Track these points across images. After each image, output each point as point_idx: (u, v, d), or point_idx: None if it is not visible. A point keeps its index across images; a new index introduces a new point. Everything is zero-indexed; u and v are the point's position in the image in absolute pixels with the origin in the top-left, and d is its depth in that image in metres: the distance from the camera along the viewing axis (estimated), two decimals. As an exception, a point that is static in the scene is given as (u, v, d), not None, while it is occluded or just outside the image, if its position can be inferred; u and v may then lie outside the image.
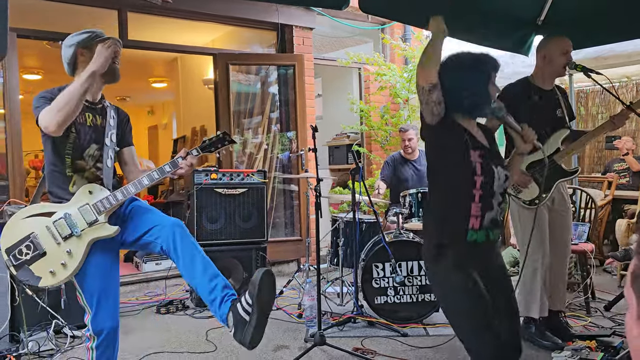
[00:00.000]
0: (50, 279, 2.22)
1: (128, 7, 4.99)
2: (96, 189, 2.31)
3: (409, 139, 4.90)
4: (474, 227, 2.06)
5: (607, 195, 5.71)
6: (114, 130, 2.46)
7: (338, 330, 3.68)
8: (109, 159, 2.42)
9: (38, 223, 2.24)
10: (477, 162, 2.06)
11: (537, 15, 3.75)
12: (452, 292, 2.08)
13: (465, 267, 2.04)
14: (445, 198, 2.13)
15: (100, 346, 2.28)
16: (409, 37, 6.75)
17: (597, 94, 7.04)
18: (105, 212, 2.28)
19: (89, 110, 2.37)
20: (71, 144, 2.30)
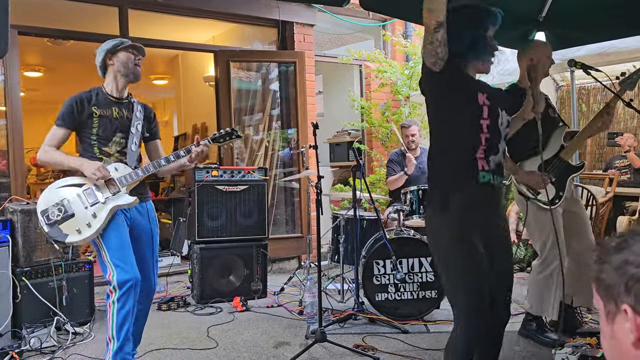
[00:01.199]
0: (77, 236, 2.64)
1: (129, 4, 4.99)
2: (121, 167, 2.77)
3: (412, 134, 4.89)
4: (484, 169, 2.05)
5: (609, 192, 5.70)
6: (140, 122, 2.90)
7: (339, 327, 3.69)
8: (134, 144, 2.85)
9: (70, 191, 2.69)
10: (485, 104, 2.05)
11: (539, 11, 3.74)
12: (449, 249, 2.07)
13: (468, 225, 2.02)
14: (452, 143, 2.10)
15: (122, 299, 2.57)
16: (410, 34, 6.73)
17: (598, 91, 7.03)
18: (127, 185, 2.73)
19: (116, 104, 2.83)
20: (95, 134, 2.75)
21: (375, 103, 6.56)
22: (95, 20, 5.14)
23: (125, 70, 2.81)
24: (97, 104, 2.77)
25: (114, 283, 2.58)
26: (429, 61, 2.03)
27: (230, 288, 4.47)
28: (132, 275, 2.60)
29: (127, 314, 2.59)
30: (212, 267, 4.43)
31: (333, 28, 6.59)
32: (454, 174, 2.09)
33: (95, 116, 2.75)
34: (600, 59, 4.41)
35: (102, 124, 2.76)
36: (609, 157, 6.67)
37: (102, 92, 2.83)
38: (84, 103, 2.75)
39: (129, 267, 2.61)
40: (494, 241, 2.11)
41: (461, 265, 2.04)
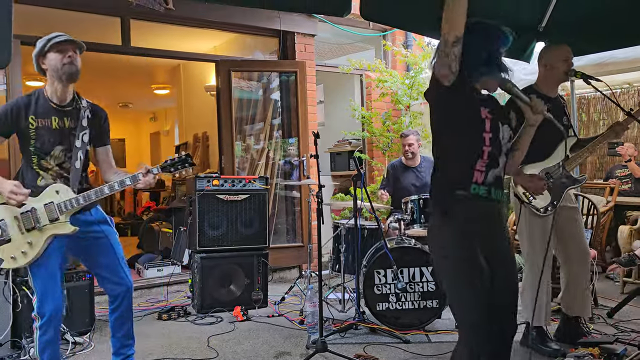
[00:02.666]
0: (11, 263, 2.51)
1: (131, 15, 5.02)
2: (63, 189, 2.55)
3: (409, 144, 4.90)
4: (477, 181, 2.06)
5: (609, 202, 5.70)
6: (87, 131, 2.63)
7: (340, 337, 3.67)
8: (77, 160, 2.60)
9: (8, 211, 2.51)
10: (487, 118, 2.08)
11: (539, 21, 3.76)
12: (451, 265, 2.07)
13: (470, 238, 2.03)
14: (452, 157, 2.12)
15: (42, 327, 2.52)
16: (410, 44, 6.77)
17: (598, 101, 7.04)
18: (66, 212, 2.53)
19: (56, 113, 2.58)
20: (33, 146, 2.55)
21: (376, 112, 6.58)
22: (97, 31, 5.17)
23: (56, 73, 2.52)
24: (35, 113, 2.54)
25: (35, 311, 2.53)
26: (440, 73, 2.03)
27: (231, 297, 4.46)
28: (52, 308, 2.51)
29: (47, 343, 2.54)
30: (213, 277, 4.42)
31: (334, 38, 6.62)
32: (453, 186, 2.10)
33: (32, 127, 2.54)
34: (600, 69, 4.43)
35: (40, 135, 2.55)
36: (609, 166, 6.66)
37: (42, 97, 2.58)
38: (21, 111, 2.53)
39: (50, 299, 2.51)
40: (496, 254, 2.10)
41: (464, 281, 2.04)
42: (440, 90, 2.07)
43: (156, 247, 6.52)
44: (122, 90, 9.69)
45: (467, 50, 2.01)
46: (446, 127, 2.14)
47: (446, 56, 1.98)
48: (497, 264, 2.09)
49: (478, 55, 2.06)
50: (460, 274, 2.05)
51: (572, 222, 3.32)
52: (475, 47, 2.05)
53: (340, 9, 3.18)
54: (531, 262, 3.25)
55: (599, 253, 5.08)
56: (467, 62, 2.03)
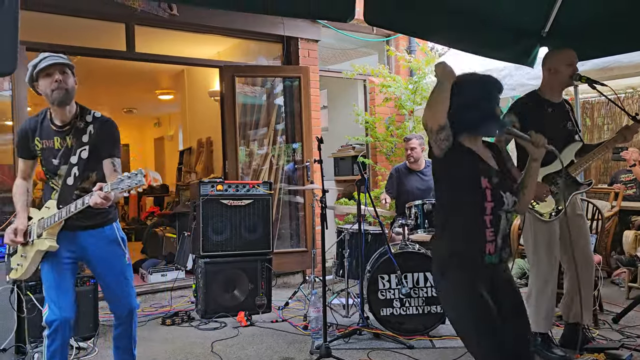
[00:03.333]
0: (14, 273, 2.66)
1: (135, 21, 5.05)
2: (52, 205, 2.58)
3: (412, 148, 4.90)
4: (490, 252, 2.10)
5: (614, 207, 5.68)
6: (85, 147, 2.57)
7: (344, 342, 3.66)
8: (70, 177, 2.57)
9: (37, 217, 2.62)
10: (487, 188, 2.10)
11: (542, 26, 3.76)
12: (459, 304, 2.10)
13: (474, 284, 2.07)
14: (458, 227, 2.14)
15: (50, 336, 2.53)
16: (414, 49, 6.78)
17: (602, 105, 7.03)
18: (47, 229, 2.55)
19: (57, 134, 2.59)
20: (43, 166, 2.64)
21: (379, 117, 6.58)
22: (102, 37, 5.20)
23: (48, 99, 2.52)
24: (40, 134, 2.60)
25: (44, 320, 2.56)
26: (435, 152, 2.12)
27: (235, 303, 4.45)
28: (59, 316, 2.52)
29: (55, 351, 2.55)
30: (217, 282, 4.42)
31: (337, 43, 6.64)
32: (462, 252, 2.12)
33: (38, 149, 2.61)
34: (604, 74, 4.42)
35: (45, 157, 2.61)
36: (614, 171, 6.64)
37: (46, 119, 2.62)
38: (29, 134, 2.61)
39: (57, 308, 2.53)
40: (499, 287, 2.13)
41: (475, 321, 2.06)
42: (437, 162, 2.15)
43: (160, 252, 6.52)
44: (127, 96, 9.73)
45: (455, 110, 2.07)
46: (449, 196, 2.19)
47: (434, 142, 2.08)
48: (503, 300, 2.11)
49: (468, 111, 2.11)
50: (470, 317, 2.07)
51: (578, 228, 3.30)
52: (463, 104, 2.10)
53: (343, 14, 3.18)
54: (536, 268, 3.24)
55: (604, 258, 5.06)
56: (457, 123, 2.09)
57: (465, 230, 2.12)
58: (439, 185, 2.23)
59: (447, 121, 2.04)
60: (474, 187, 2.10)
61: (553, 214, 3.16)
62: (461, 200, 2.13)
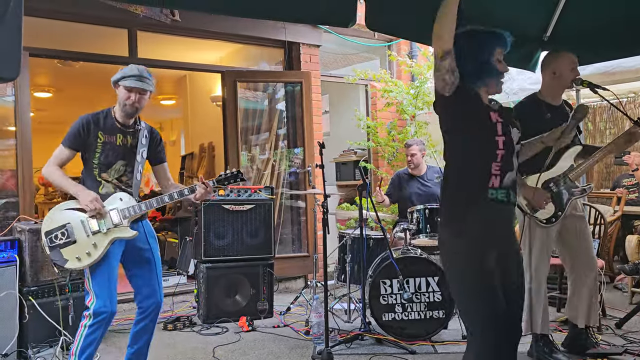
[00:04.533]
0: (76, 263, 2.67)
1: (138, 26, 5.07)
2: (126, 197, 2.78)
3: (412, 154, 4.90)
4: (494, 186, 2.07)
5: (617, 211, 5.67)
6: (145, 148, 2.91)
7: (345, 348, 3.66)
8: (139, 173, 2.87)
9: (74, 216, 2.71)
10: (499, 121, 2.09)
11: (544, 31, 3.76)
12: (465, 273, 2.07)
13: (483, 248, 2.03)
14: (464, 162, 2.12)
15: (93, 326, 2.63)
16: (415, 54, 6.79)
17: (604, 110, 7.03)
18: (129, 217, 2.75)
19: (120, 132, 2.84)
20: (97, 159, 2.78)
21: (381, 122, 6.59)
22: (104, 42, 5.22)
23: (121, 106, 2.82)
24: (103, 129, 2.80)
25: (91, 311, 2.64)
26: (438, 87, 2.08)
27: (237, 308, 4.45)
28: (109, 309, 2.65)
29: (93, 340, 2.65)
30: (218, 287, 4.42)
31: (339, 48, 6.65)
32: (469, 195, 2.10)
33: (99, 141, 2.79)
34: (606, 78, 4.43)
35: (105, 150, 2.80)
36: (616, 175, 6.63)
37: (110, 116, 2.84)
38: (91, 126, 2.77)
39: (108, 300, 2.65)
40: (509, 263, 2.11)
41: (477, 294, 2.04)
42: (444, 101, 2.10)
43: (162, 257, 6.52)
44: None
45: (461, 58, 2.04)
46: (456, 134, 2.15)
47: (438, 70, 2.03)
48: (510, 273, 2.09)
49: (472, 62, 2.09)
50: (474, 287, 2.05)
51: (579, 232, 3.29)
52: (469, 55, 2.08)
53: (345, 19, 3.20)
54: (532, 270, 3.22)
55: (606, 263, 5.04)
56: (463, 70, 2.06)
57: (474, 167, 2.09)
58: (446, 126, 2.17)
59: (452, 49, 1.99)
60: (484, 121, 2.07)
61: (553, 220, 3.16)
62: (471, 134, 2.10)
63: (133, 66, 2.81)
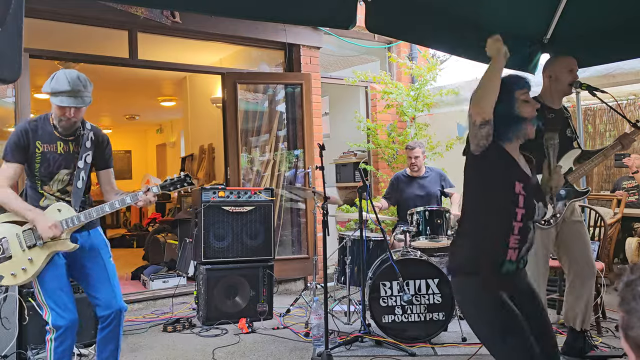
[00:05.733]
0: (11, 280, 2.54)
1: (138, 28, 5.07)
2: (64, 208, 2.61)
3: (415, 157, 4.90)
4: (511, 259, 2.06)
5: (617, 214, 5.66)
6: (90, 152, 2.71)
7: (345, 350, 3.65)
8: (80, 180, 2.68)
9: (10, 230, 2.56)
10: (521, 194, 2.05)
11: (544, 33, 3.77)
12: (484, 311, 2.07)
13: (495, 290, 2.04)
14: (485, 227, 2.10)
15: (58, 339, 2.55)
16: (415, 56, 6.80)
17: (604, 112, 7.03)
18: (67, 230, 2.58)
19: (60, 139, 2.65)
20: (37, 170, 2.61)
21: (381, 124, 6.60)
22: (105, 44, 5.23)
23: (56, 120, 2.61)
24: (41, 138, 2.60)
25: (50, 325, 2.55)
26: (472, 147, 2.06)
27: (236, 309, 4.44)
28: (68, 319, 2.56)
29: (64, 351, 2.58)
30: (218, 288, 4.42)
31: (339, 50, 6.66)
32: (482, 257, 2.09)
33: (38, 152, 2.60)
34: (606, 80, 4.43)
35: (45, 160, 2.61)
36: (616, 178, 6.63)
37: (48, 124, 2.64)
38: (29, 135, 2.59)
39: (64, 311, 2.55)
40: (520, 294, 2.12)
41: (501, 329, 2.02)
42: (474, 159, 2.09)
43: (162, 259, 6.52)
44: (129, 103, 9.76)
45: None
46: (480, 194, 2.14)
47: (475, 137, 2.01)
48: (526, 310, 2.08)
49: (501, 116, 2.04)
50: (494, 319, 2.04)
51: (578, 234, 3.29)
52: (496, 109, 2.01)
53: (345, 21, 3.20)
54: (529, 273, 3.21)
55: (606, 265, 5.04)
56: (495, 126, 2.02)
57: (492, 233, 2.07)
58: (469, 184, 2.16)
59: (492, 117, 1.95)
60: (508, 191, 2.04)
61: (551, 221, 3.16)
62: (492, 202, 2.08)
63: (62, 78, 2.53)
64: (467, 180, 2.19)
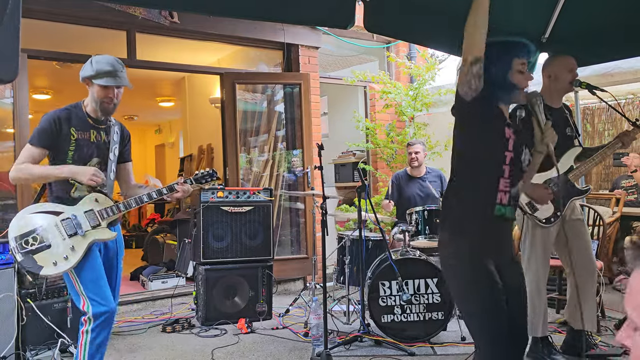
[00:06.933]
0: (52, 269, 2.50)
1: (136, 28, 5.07)
2: (101, 198, 2.64)
3: (416, 152, 4.91)
4: (502, 202, 2.07)
5: (615, 213, 5.67)
6: (117, 145, 2.77)
7: (344, 350, 3.65)
8: (112, 172, 2.74)
9: (46, 219, 2.54)
10: (511, 137, 2.09)
11: (542, 32, 3.77)
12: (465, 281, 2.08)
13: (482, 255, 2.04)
14: (473, 173, 2.12)
15: (96, 329, 2.51)
16: (414, 56, 6.80)
17: (603, 111, 7.03)
18: (107, 219, 2.62)
19: (94, 128, 2.69)
20: (70, 158, 2.61)
21: (380, 124, 6.59)
22: (103, 44, 5.22)
23: (95, 104, 2.65)
24: (76, 125, 2.63)
25: (89, 315, 2.51)
26: (462, 90, 2.06)
27: (235, 309, 4.44)
28: (108, 308, 2.54)
29: (100, 343, 2.55)
30: (217, 289, 4.41)
31: (338, 50, 6.66)
32: (473, 202, 2.11)
33: (72, 138, 2.61)
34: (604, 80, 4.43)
35: (79, 147, 2.62)
36: (615, 177, 6.64)
37: (81, 111, 2.67)
38: (62, 122, 2.59)
39: (104, 300, 2.54)
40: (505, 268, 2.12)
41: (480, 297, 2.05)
42: (463, 105, 2.09)
43: (161, 259, 6.52)
44: (128, 103, 9.73)
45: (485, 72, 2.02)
46: (469, 142, 2.15)
47: (465, 75, 2.00)
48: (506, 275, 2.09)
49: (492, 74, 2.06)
50: (476, 291, 2.05)
51: (578, 233, 3.30)
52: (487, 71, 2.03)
53: (344, 21, 3.20)
54: (532, 272, 3.22)
55: (605, 264, 5.04)
56: (487, 82, 2.04)
57: (482, 177, 2.09)
58: (460, 130, 2.16)
59: (483, 54, 1.96)
60: (498, 135, 2.07)
61: (552, 220, 3.16)
62: (482, 146, 2.09)
63: (102, 60, 2.61)
64: (457, 126, 2.18)
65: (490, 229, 2.10)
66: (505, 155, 2.08)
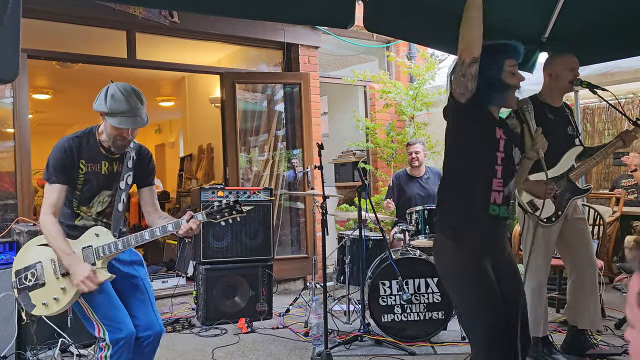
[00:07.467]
0: (43, 310, 2.34)
1: (136, 28, 5.07)
2: (103, 233, 2.39)
3: (416, 152, 4.91)
4: (496, 202, 2.10)
5: (615, 212, 5.67)
6: (130, 173, 2.49)
7: (345, 349, 3.65)
8: (120, 203, 2.47)
9: (45, 253, 2.36)
10: (502, 138, 2.12)
11: (542, 31, 3.77)
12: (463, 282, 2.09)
13: (480, 255, 2.06)
14: (467, 173, 2.14)
15: (115, 355, 2.31)
16: (414, 55, 6.80)
17: (603, 110, 7.03)
18: (104, 258, 2.35)
19: (106, 159, 2.44)
20: (79, 190, 2.40)
21: (379, 123, 6.60)
22: (103, 44, 5.22)
23: (110, 140, 2.38)
24: (87, 157, 2.39)
25: (107, 341, 2.31)
26: (457, 92, 2.07)
27: (236, 309, 4.44)
28: (126, 333, 2.32)
29: None
30: (217, 288, 4.41)
31: (338, 50, 6.66)
32: (467, 203, 2.13)
33: (81, 172, 2.38)
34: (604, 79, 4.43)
35: (88, 181, 2.39)
36: (615, 176, 6.64)
37: (94, 139, 2.41)
38: (74, 154, 2.36)
39: (120, 325, 2.32)
40: (500, 268, 2.13)
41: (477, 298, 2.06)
42: (457, 107, 2.10)
43: (161, 259, 6.52)
44: (128, 103, 9.74)
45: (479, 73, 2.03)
46: (461, 143, 2.17)
47: (462, 76, 2.01)
48: (502, 275, 2.11)
49: (487, 79, 2.07)
50: (473, 292, 2.07)
51: (579, 232, 3.30)
52: (484, 69, 2.05)
53: (343, 21, 3.20)
54: (533, 271, 3.22)
55: (605, 264, 5.04)
56: (480, 84, 2.05)
57: (475, 178, 2.11)
58: (453, 132, 2.18)
59: (479, 56, 1.97)
60: (489, 135, 2.10)
61: (553, 219, 3.16)
62: (475, 148, 2.11)
63: (119, 96, 2.29)
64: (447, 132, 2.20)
65: (484, 228, 2.12)
66: (497, 155, 2.11)
